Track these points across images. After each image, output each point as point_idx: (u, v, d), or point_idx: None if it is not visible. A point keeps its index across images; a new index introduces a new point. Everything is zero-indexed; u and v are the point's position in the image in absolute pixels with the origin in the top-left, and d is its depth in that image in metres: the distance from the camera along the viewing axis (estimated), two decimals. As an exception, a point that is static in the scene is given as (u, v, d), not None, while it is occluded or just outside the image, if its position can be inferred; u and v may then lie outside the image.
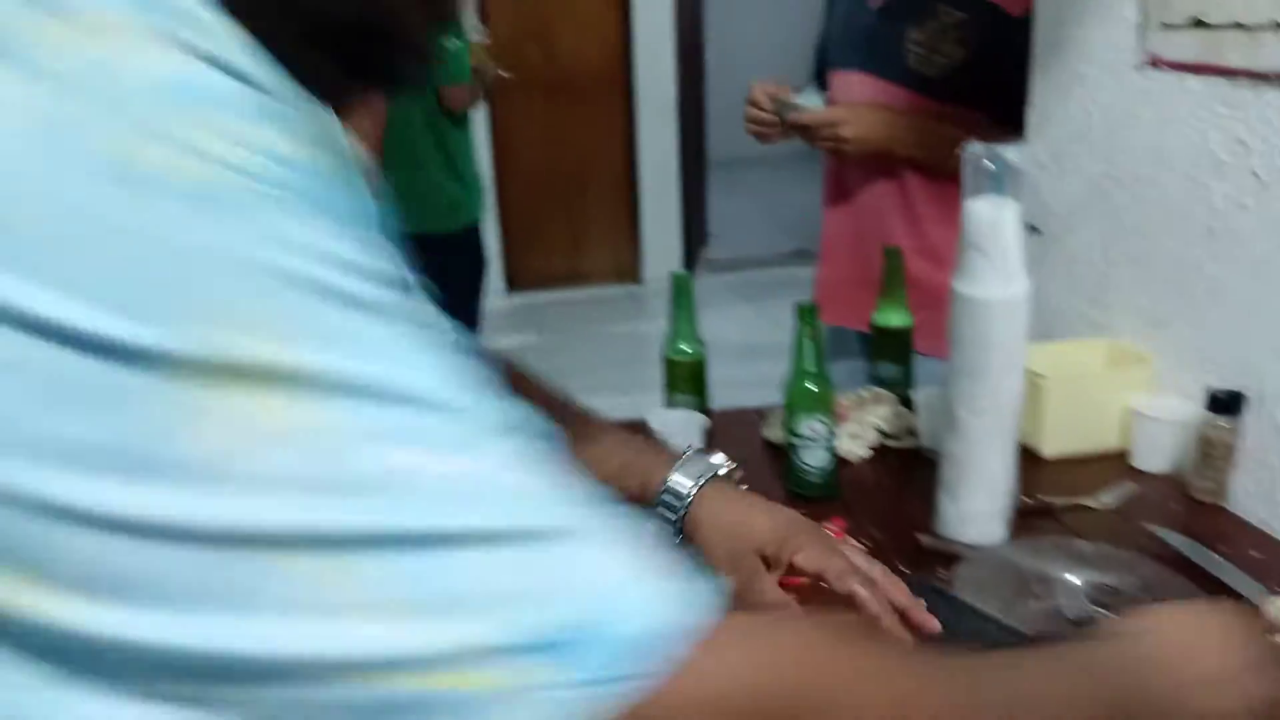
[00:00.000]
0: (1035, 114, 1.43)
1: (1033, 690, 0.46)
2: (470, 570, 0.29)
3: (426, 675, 0.28)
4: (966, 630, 0.82)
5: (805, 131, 1.52)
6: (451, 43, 2.67)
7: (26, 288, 0.27)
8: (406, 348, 0.31)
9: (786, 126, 1.53)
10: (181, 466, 0.27)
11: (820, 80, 1.69)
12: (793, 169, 6.19)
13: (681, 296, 1.25)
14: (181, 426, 0.27)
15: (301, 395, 0.28)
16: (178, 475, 0.27)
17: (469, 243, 2.97)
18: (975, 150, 0.91)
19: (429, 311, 0.37)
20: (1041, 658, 0.50)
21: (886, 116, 1.52)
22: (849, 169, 1.63)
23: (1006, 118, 1.44)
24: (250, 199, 0.29)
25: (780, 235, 5.78)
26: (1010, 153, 0.90)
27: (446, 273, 3.08)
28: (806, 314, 1.10)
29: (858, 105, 1.55)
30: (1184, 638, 0.52)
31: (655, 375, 1.35)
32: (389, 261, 0.34)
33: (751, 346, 3.66)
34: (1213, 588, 0.96)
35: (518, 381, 0.83)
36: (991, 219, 0.92)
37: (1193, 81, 1.15)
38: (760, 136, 1.57)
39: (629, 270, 5.34)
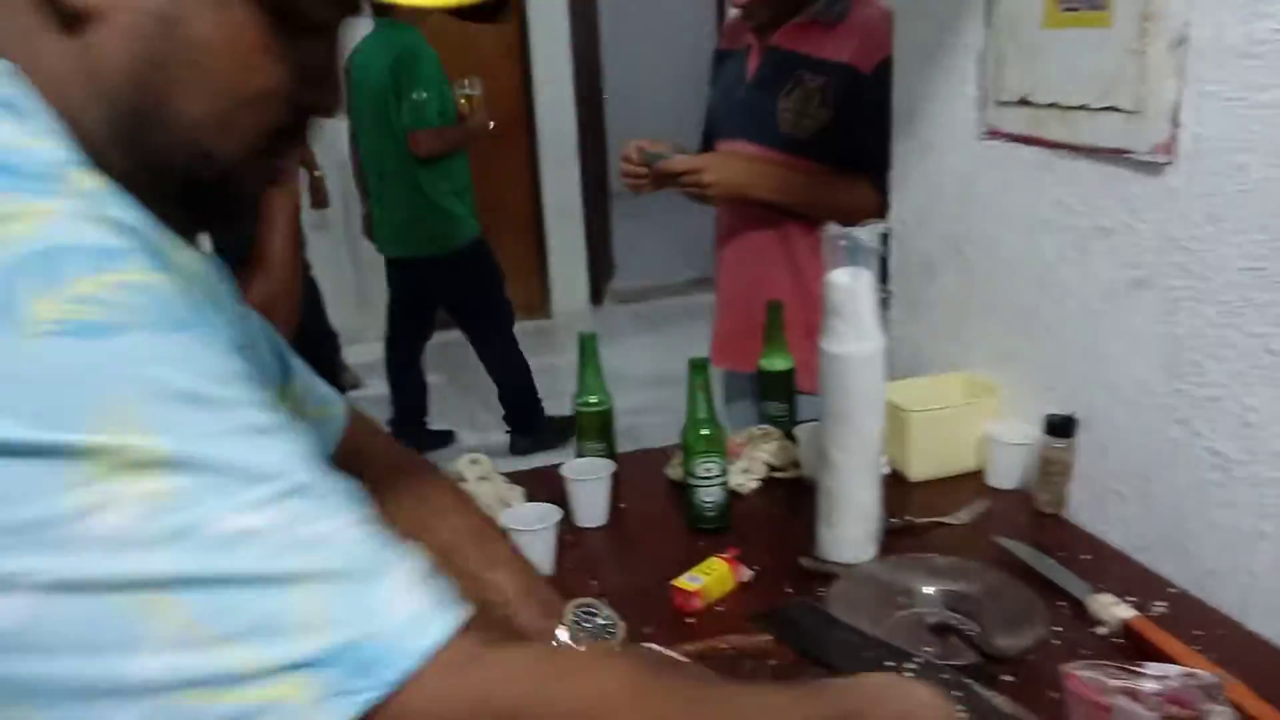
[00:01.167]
0: (897, 178, 1.61)
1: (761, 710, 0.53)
2: (263, 605, 0.37)
3: (235, 689, 0.36)
4: (839, 642, 0.96)
5: (672, 179, 1.67)
6: (418, 94, 3.15)
7: None
8: (245, 433, 0.40)
9: (655, 176, 1.68)
10: (69, 536, 0.35)
11: (708, 149, 1.85)
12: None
13: (587, 354, 1.38)
14: (78, 505, 0.35)
15: (159, 474, 0.36)
16: (68, 540, 0.35)
17: (466, 257, 3.48)
18: (832, 231, 1.06)
19: (267, 397, 0.44)
20: (774, 690, 0.61)
21: (744, 164, 1.69)
22: (737, 226, 1.79)
23: (868, 167, 1.62)
24: (116, 323, 0.38)
25: (682, 264, 5.95)
26: (861, 233, 1.05)
27: (453, 287, 3.33)
28: (698, 368, 1.25)
29: (717, 155, 1.72)
30: (895, 692, 0.64)
31: (566, 408, 1.45)
32: (233, 360, 0.43)
33: (658, 375, 3.81)
34: (1048, 588, 1.12)
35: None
36: (848, 288, 1.07)
37: (1025, 151, 1.33)
38: (633, 188, 1.72)
39: (538, 305, 5.47)
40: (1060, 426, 1.28)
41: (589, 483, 1.28)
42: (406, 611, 0.39)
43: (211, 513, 0.37)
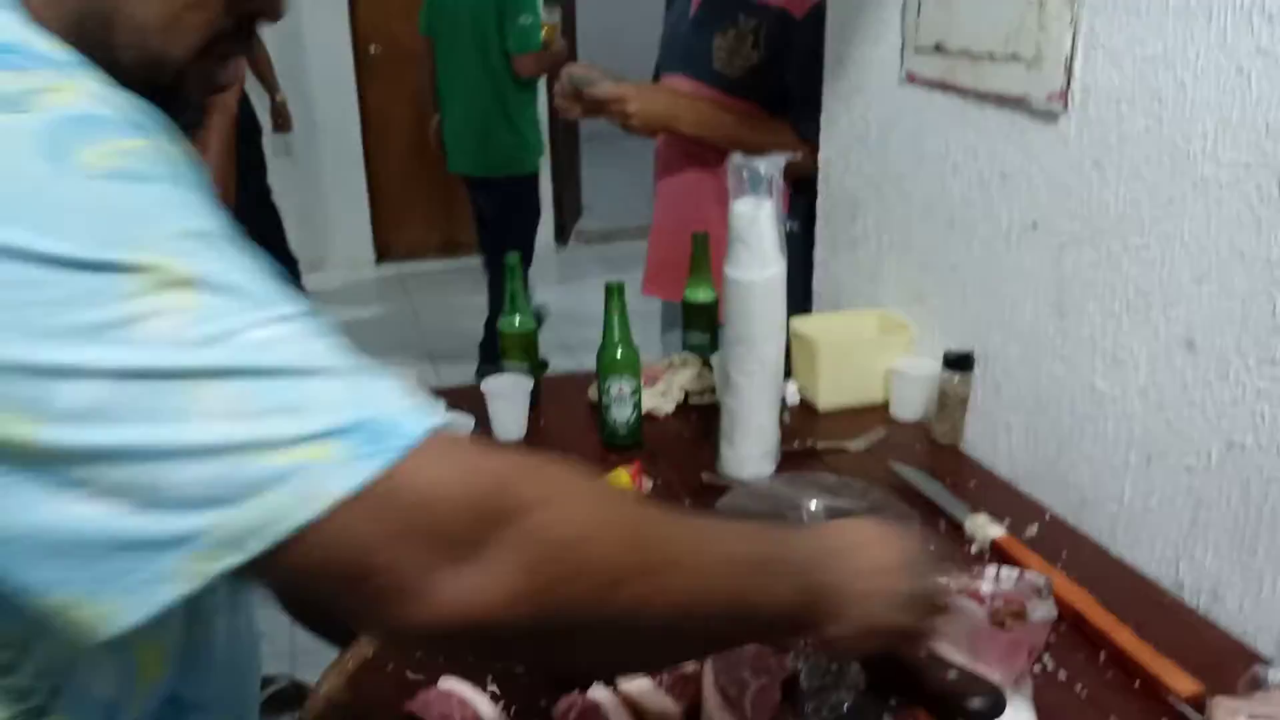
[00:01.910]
0: (827, 119, 1.65)
1: (737, 548, 0.58)
2: (286, 390, 0.45)
3: (266, 453, 0.43)
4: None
5: (599, 107, 1.71)
6: (525, 18, 3.28)
7: (22, 233, 0.42)
8: (254, 271, 0.48)
9: (585, 102, 1.71)
10: (128, 336, 0.43)
11: (657, 80, 1.89)
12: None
13: (514, 279, 1.43)
14: (131, 313, 0.43)
15: (193, 292, 0.45)
16: (128, 339, 0.43)
17: (524, 189, 3.65)
18: (737, 161, 1.11)
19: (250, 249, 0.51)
20: (746, 527, 0.65)
21: (667, 97, 1.73)
22: (674, 160, 1.83)
23: (791, 112, 1.67)
24: (149, 174, 0.47)
25: (649, 207, 5.98)
26: (764, 165, 1.10)
27: (501, 213, 3.42)
28: (614, 292, 1.30)
29: (644, 85, 1.76)
30: (859, 538, 0.68)
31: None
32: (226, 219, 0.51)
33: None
34: (931, 509, 1.20)
35: None
36: (751, 216, 1.12)
37: (939, 97, 1.38)
38: (564, 113, 1.76)
39: (501, 242, 5.48)
40: (958, 361, 1.35)
41: (507, 398, 1.34)
42: (408, 402, 0.47)
43: (239, 325, 0.44)
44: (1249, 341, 0.96)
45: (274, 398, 0.44)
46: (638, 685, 0.78)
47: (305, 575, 0.45)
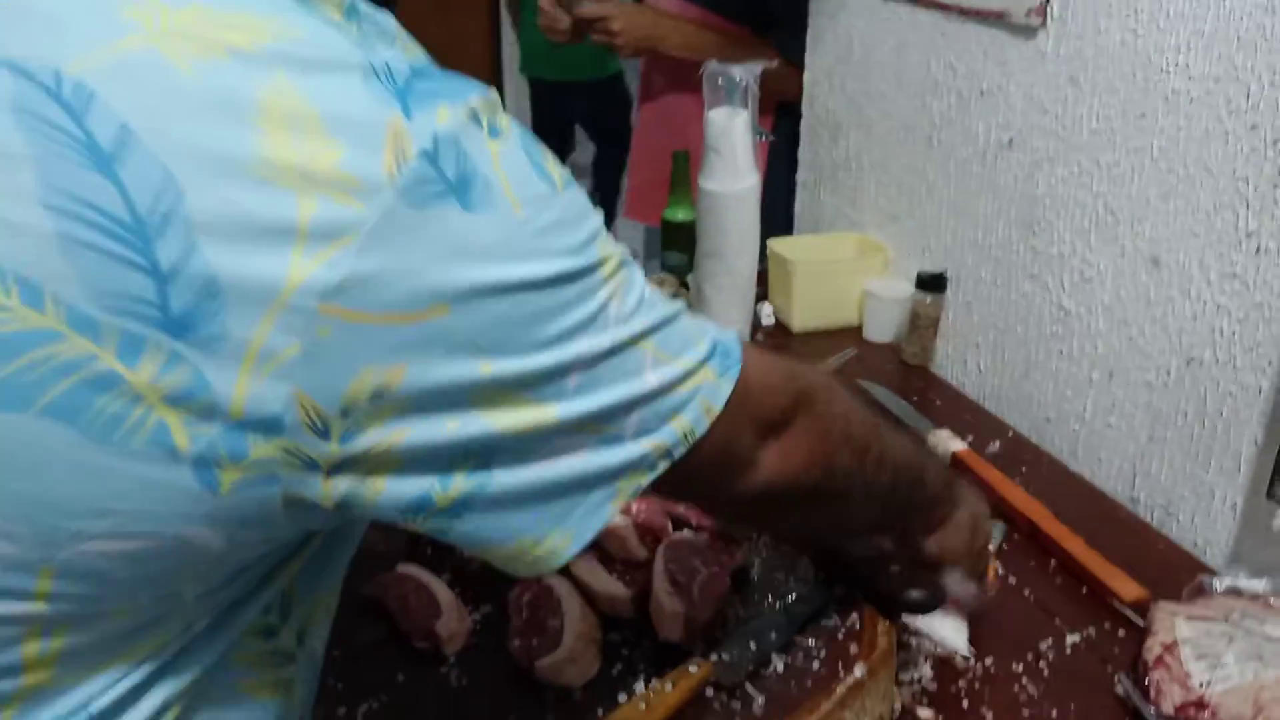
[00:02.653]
0: (812, 38, 1.63)
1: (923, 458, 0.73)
2: (678, 333, 0.52)
3: (683, 383, 0.52)
4: None
5: (585, 26, 1.69)
6: None
7: (521, 267, 0.44)
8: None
9: (574, 23, 1.70)
10: (602, 324, 0.48)
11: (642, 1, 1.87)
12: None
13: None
14: (602, 301, 0.48)
15: (622, 271, 0.50)
16: (602, 327, 0.48)
17: (611, 88, 3.67)
18: (712, 68, 1.10)
19: None
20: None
21: (652, 17, 1.71)
22: (658, 81, 1.81)
23: (776, 32, 1.66)
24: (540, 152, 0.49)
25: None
26: (739, 71, 1.09)
27: (594, 115, 3.38)
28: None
29: (629, 5, 1.73)
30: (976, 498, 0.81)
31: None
32: None
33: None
34: (894, 422, 1.21)
35: None
36: (724, 125, 1.12)
37: (921, 13, 1.36)
38: (552, 35, 1.74)
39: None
40: (930, 282, 1.35)
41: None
42: (711, 322, 0.57)
43: (644, 287, 0.52)
44: (1211, 256, 0.97)
45: (677, 339, 0.52)
46: (590, 572, 0.80)
47: (688, 472, 0.53)
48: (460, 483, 0.46)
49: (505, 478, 0.47)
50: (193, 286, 0.38)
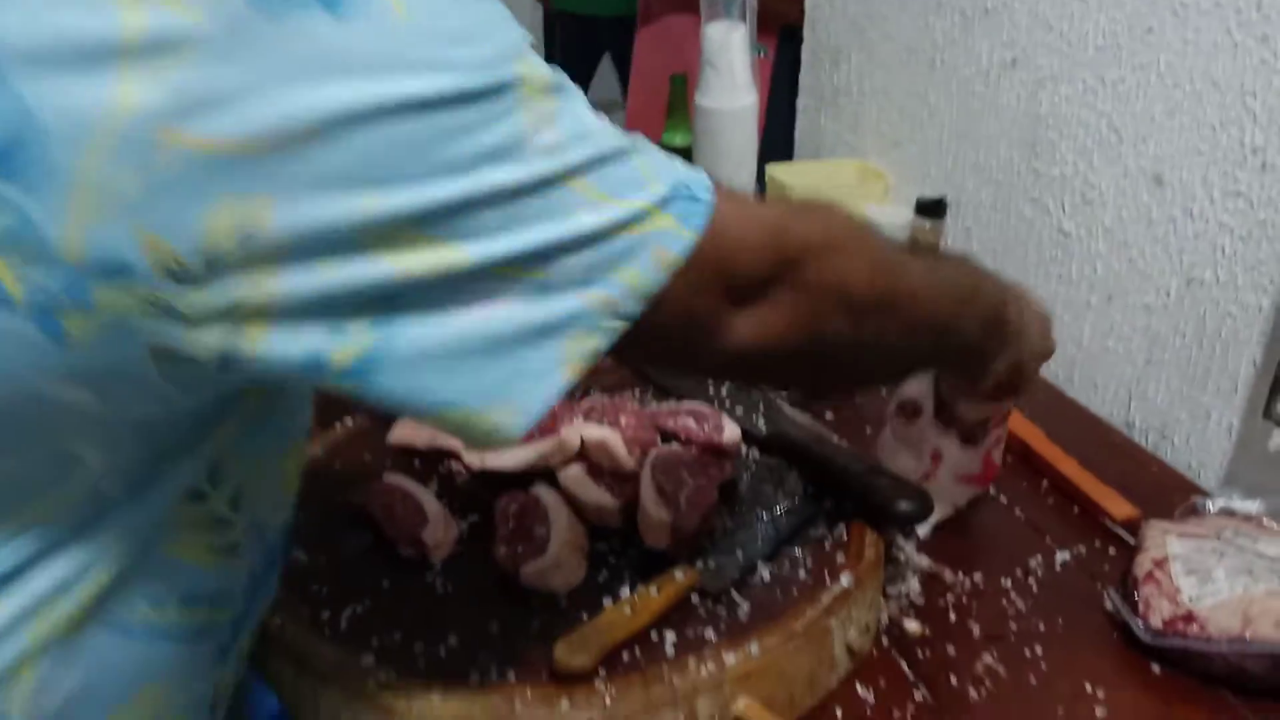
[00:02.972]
0: (813, -43, 1.60)
1: (951, 280, 0.65)
2: (627, 171, 0.47)
3: (628, 229, 0.46)
4: None
5: None
6: None
7: (405, 81, 0.39)
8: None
9: None
10: (522, 154, 0.43)
11: None
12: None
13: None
14: (524, 126, 0.43)
15: (554, 97, 0.44)
16: (523, 157, 0.43)
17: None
18: (708, -22, 1.07)
19: None
20: (958, 262, 0.71)
21: None
22: (654, 4, 1.77)
23: None
24: None
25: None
26: (736, -19, 1.07)
27: (623, 49, 3.27)
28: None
29: None
30: (1028, 297, 0.75)
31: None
32: None
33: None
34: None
35: None
36: (722, 40, 1.09)
37: (927, -70, 1.33)
38: None
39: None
40: (930, 208, 1.33)
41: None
42: (682, 165, 0.50)
43: (584, 117, 0.46)
44: (1215, 174, 0.95)
45: (624, 178, 0.46)
46: (578, 483, 0.79)
47: (648, 332, 0.48)
48: (360, 337, 0.42)
49: (416, 332, 0.43)
50: (6, 124, 0.34)
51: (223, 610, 0.55)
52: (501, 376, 0.45)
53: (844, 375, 0.66)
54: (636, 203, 0.46)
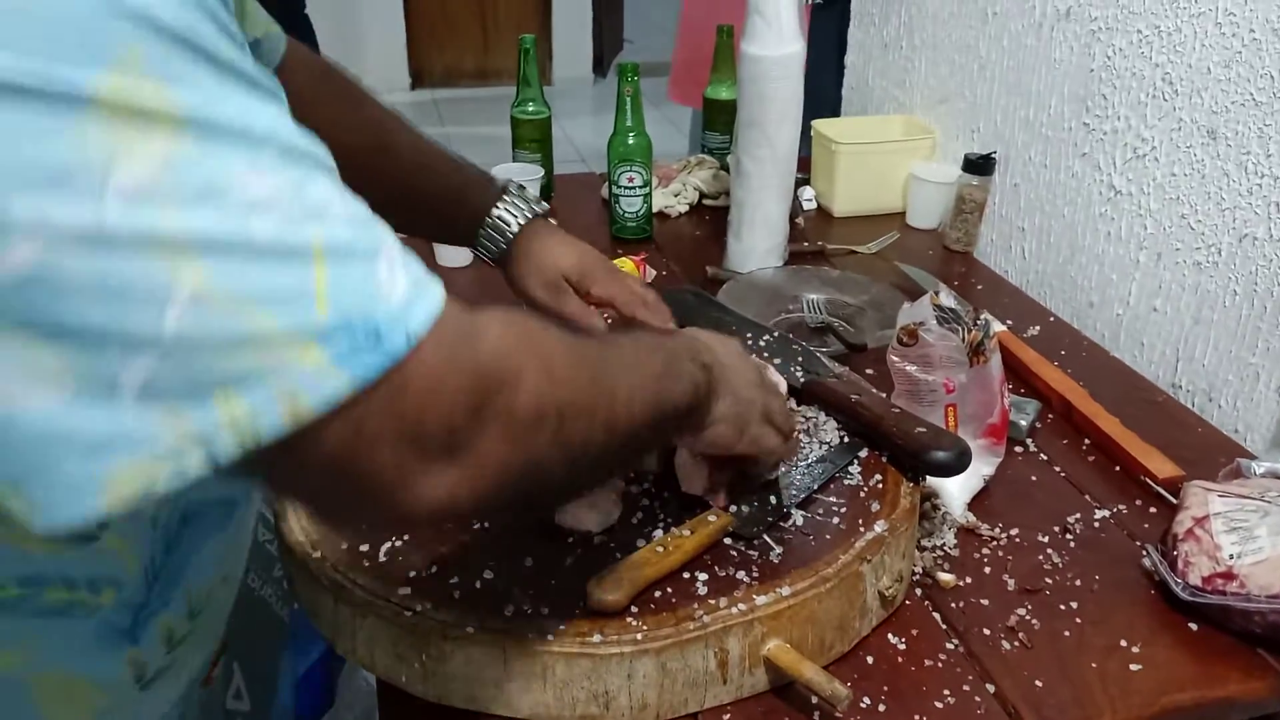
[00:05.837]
0: (864, -92, 1.57)
1: (650, 361, 0.59)
2: (279, 275, 0.36)
3: (251, 347, 0.36)
4: (708, 317, 1.01)
5: None
6: None
7: None
8: (239, 84, 0.37)
9: None
10: (91, 184, 0.33)
11: None
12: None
13: (528, 61, 1.39)
14: (96, 152, 0.33)
15: (173, 129, 0.34)
16: (88, 191, 0.33)
17: None
18: (755, -75, 1.06)
19: (235, 27, 0.40)
20: (650, 338, 0.67)
21: None
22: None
23: None
24: None
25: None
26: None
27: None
28: (628, 71, 1.26)
29: None
30: (726, 347, 0.69)
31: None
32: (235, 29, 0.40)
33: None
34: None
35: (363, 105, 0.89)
36: (768, -13, 1.08)
37: (982, -120, 1.30)
38: None
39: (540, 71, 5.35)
40: (978, 165, 1.31)
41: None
42: (403, 288, 0.40)
43: (231, 174, 0.35)
44: (1273, 127, 0.92)
45: (260, 282, 0.36)
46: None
47: (292, 487, 0.44)
48: None
49: None
50: None
51: (101, 593, 0.55)
52: (39, 464, 0.36)
53: (564, 490, 0.61)
54: (274, 319, 0.36)
